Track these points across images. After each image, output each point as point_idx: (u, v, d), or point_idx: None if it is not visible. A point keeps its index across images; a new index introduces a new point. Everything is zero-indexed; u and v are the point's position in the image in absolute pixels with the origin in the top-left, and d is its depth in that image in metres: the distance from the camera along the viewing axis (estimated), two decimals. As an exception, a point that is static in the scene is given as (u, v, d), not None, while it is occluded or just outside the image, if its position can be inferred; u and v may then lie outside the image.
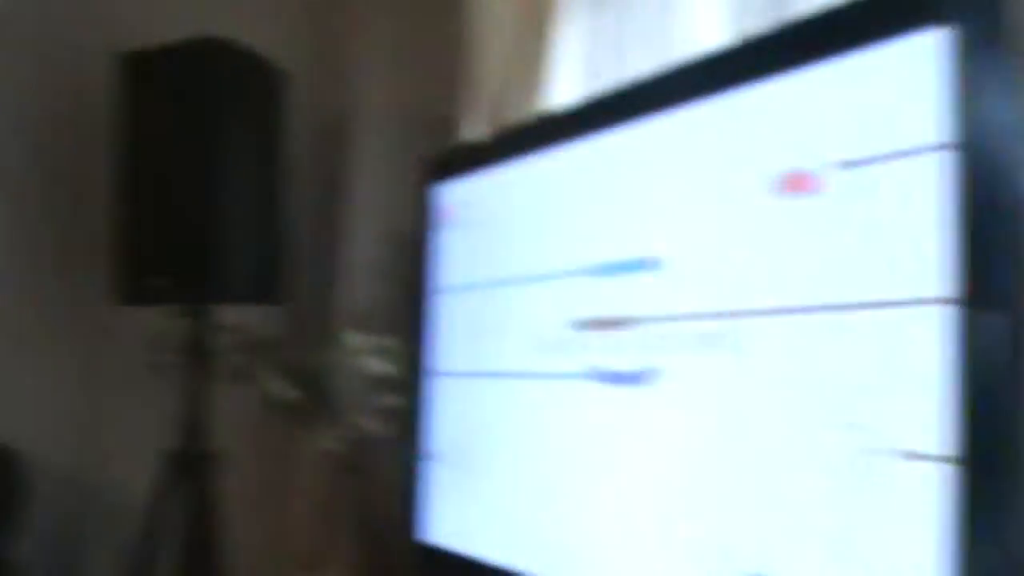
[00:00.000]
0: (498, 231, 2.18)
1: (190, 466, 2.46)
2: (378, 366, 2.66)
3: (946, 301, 1.24)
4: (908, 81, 1.33)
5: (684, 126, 1.71)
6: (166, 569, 2.43)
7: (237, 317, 2.71)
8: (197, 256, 2.37)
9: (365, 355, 2.67)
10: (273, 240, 2.57)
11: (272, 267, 2.57)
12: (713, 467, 1.56)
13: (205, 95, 2.40)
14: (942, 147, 1.26)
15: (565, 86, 2.61)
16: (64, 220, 3.02)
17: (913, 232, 1.29)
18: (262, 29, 2.74)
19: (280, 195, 2.60)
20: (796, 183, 1.46)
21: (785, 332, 1.46)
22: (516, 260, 2.09)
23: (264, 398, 2.71)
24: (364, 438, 2.68)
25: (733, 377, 1.55)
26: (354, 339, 2.69)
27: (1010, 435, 1.19)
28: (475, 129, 2.71)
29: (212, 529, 2.46)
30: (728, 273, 1.58)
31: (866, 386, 1.34)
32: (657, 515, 1.68)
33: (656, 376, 1.70)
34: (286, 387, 2.67)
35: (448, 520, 2.26)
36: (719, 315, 1.57)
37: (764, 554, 1.47)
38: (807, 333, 1.43)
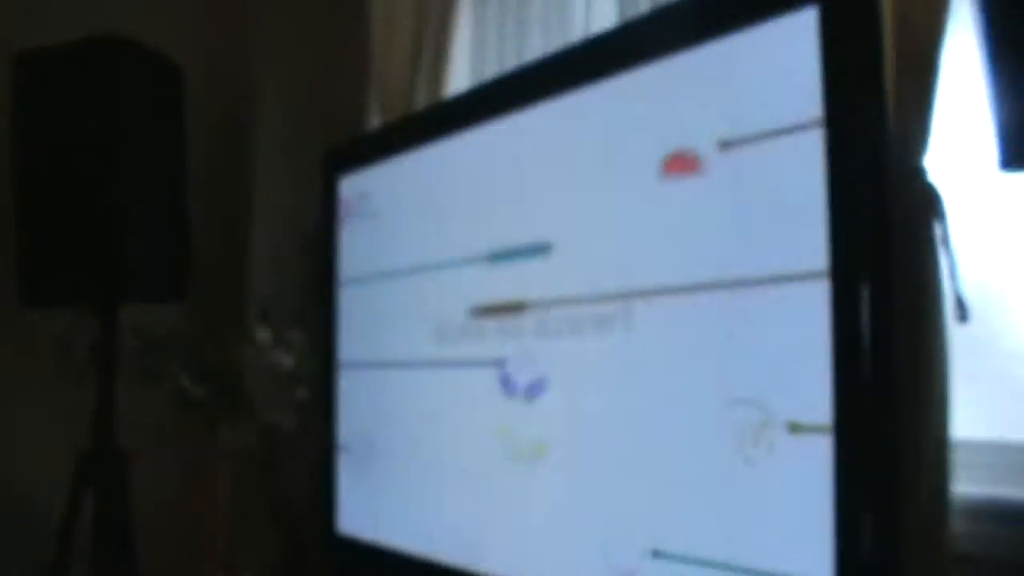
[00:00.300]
0: (397, 220, 2.19)
1: (102, 467, 2.44)
2: (287, 360, 2.66)
3: (823, 275, 1.27)
4: (782, 61, 1.36)
5: (570, 112, 1.73)
6: (80, 572, 2.40)
7: (145, 316, 2.70)
8: (101, 256, 2.34)
9: (274, 350, 2.67)
10: (178, 237, 2.54)
11: (178, 264, 2.55)
12: (610, 448, 1.59)
13: (103, 94, 2.36)
14: (815, 125, 1.30)
15: (466, 74, 2.63)
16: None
17: (792, 209, 1.33)
18: (158, 25, 2.71)
19: (184, 192, 2.58)
20: (679, 164, 1.49)
21: (673, 311, 1.49)
22: (415, 249, 2.10)
23: (174, 396, 2.70)
24: (276, 433, 2.68)
25: (626, 357, 1.57)
26: (263, 334, 2.68)
27: (880, 403, 1.23)
28: (379, 120, 2.71)
29: (126, 529, 2.44)
30: (617, 255, 1.60)
31: (752, 361, 1.37)
32: (557, 497, 1.70)
33: (551, 360, 1.72)
34: (196, 385, 2.66)
35: (361, 511, 2.27)
36: (610, 297, 1.60)
37: (661, 531, 1.50)
38: (694, 311, 1.46)
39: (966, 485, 1.59)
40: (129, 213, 2.38)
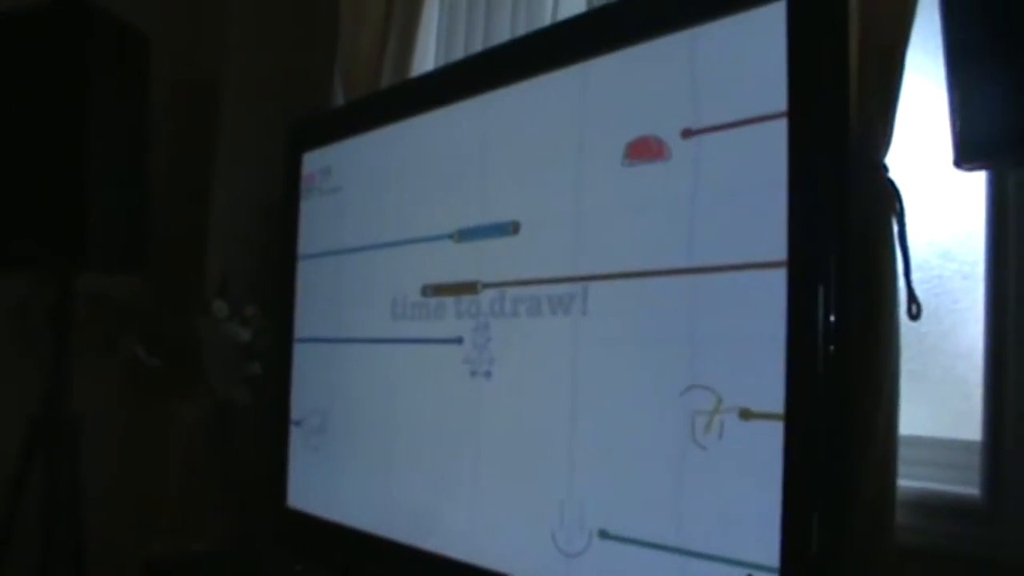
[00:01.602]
0: (359, 197, 2.19)
1: (54, 435, 2.42)
2: (244, 334, 2.65)
3: (781, 266, 1.29)
4: (750, 53, 1.38)
5: (537, 95, 1.74)
6: (29, 538, 2.39)
7: (103, 284, 2.68)
8: (61, 223, 2.33)
9: (230, 323, 2.66)
10: (139, 208, 2.53)
11: (138, 235, 2.53)
12: (562, 429, 1.60)
13: (68, 61, 2.35)
14: (779, 117, 1.32)
15: (432, 59, 2.62)
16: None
17: (753, 199, 1.35)
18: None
19: (145, 162, 2.56)
20: (643, 150, 1.50)
21: (631, 296, 1.51)
22: (377, 226, 2.11)
23: (129, 366, 2.69)
24: (230, 406, 2.67)
25: (581, 340, 1.59)
26: (220, 307, 2.68)
27: (831, 394, 1.25)
28: (346, 97, 2.71)
29: (76, 497, 2.43)
30: (577, 238, 1.62)
31: (707, 347, 1.39)
32: (508, 477, 1.71)
33: (507, 340, 1.73)
34: (151, 355, 2.65)
35: (311, 486, 2.27)
36: (568, 279, 1.61)
37: (609, 512, 1.52)
38: (652, 296, 1.47)
39: (911, 480, 1.62)
40: (90, 182, 2.37)
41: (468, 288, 1.81)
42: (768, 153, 1.32)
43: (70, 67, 2.35)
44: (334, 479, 2.18)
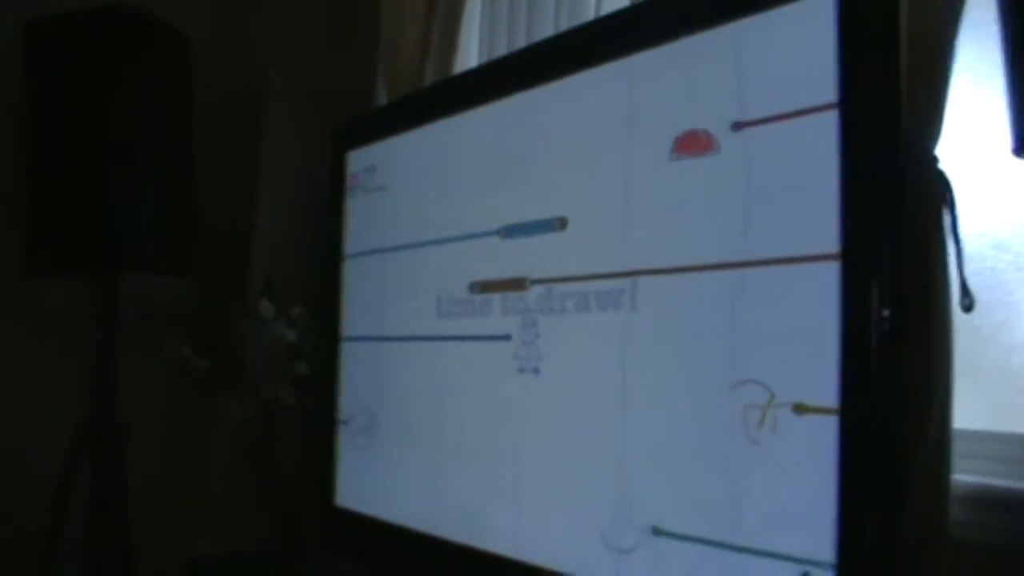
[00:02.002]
0: (404, 195, 2.19)
1: (100, 436, 2.44)
2: (290, 334, 2.66)
3: (834, 258, 1.28)
4: (799, 44, 1.37)
5: (583, 90, 1.73)
6: (75, 538, 2.41)
7: (149, 287, 2.70)
8: (106, 226, 2.35)
9: (276, 323, 2.67)
10: (184, 210, 2.55)
11: (182, 237, 2.55)
12: (611, 425, 1.59)
13: (110, 64, 2.37)
14: (829, 108, 1.30)
15: (475, 61, 2.62)
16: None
17: (804, 192, 1.33)
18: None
19: (190, 164, 2.58)
20: (691, 144, 1.49)
21: (681, 290, 1.50)
22: (422, 224, 2.11)
23: (174, 367, 2.70)
24: (276, 406, 2.68)
25: (632, 335, 1.58)
26: (266, 307, 2.69)
27: (886, 387, 1.23)
28: (389, 97, 2.71)
29: (121, 498, 2.45)
30: (626, 233, 1.61)
31: (759, 342, 1.38)
32: (558, 474, 1.71)
33: (556, 336, 1.73)
34: (197, 356, 2.66)
35: (360, 484, 2.27)
36: (617, 275, 1.61)
37: (662, 509, 1.51)
38: (702, 291, 1.46)
39: (965, 474, 1.60)
40: (134, 184, 2.39)
41: (516, 284, 1.81)
42: (819, 145, 1.31)
43: (112, 71, 2.37)
44: (381, 478, 2.18)
